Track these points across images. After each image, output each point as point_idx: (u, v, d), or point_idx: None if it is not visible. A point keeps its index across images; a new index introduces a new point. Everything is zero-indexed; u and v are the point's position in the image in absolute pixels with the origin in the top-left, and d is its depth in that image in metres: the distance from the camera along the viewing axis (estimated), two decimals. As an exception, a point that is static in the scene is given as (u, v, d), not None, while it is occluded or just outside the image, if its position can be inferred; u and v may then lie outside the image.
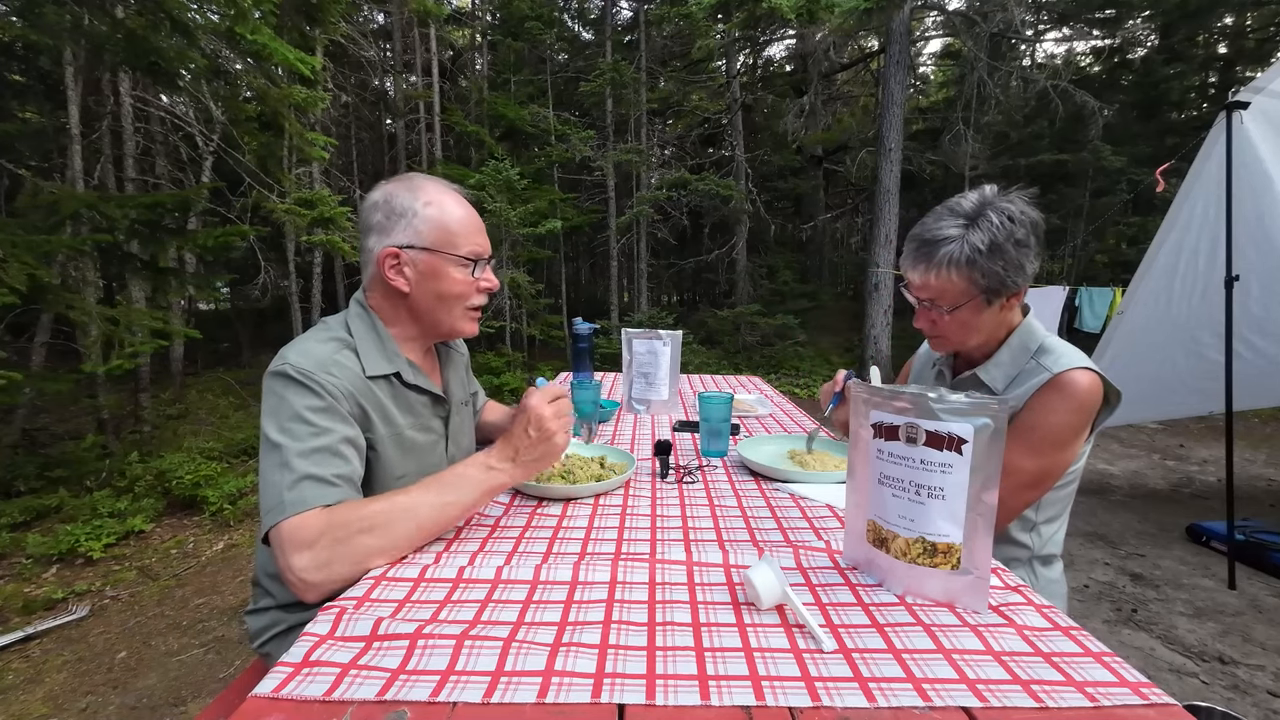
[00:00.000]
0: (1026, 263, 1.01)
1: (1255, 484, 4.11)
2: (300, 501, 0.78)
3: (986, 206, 1.01)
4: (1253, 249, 2.80)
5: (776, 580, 0.65)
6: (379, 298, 1.03)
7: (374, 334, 1.01)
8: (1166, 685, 2.04)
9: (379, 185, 1.02)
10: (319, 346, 0.94)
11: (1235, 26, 9.25)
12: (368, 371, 0.96)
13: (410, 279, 0.99)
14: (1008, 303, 1.06)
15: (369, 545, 0.77)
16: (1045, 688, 0.53)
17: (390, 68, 9.89)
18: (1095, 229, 9.05)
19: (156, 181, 5.75)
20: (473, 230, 1.02)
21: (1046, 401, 1.01)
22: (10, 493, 3.46)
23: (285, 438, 0.83)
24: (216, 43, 3.83)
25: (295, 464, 0.81)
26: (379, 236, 0.98)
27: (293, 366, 0.88)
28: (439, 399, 1.10)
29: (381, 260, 0.97)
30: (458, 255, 1.00)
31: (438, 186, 1.02)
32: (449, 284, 1.00)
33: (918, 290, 1.09)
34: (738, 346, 9.39)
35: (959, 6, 9.46)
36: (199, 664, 2.25)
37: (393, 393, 1.01)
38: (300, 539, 0.76)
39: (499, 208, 7.15)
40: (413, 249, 0.98)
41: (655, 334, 1.73)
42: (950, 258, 1.00)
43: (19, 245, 2.65)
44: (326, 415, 0.87)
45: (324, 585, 0.75)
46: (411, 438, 1.02)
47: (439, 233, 0.98)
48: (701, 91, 11.40)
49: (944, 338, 1.11)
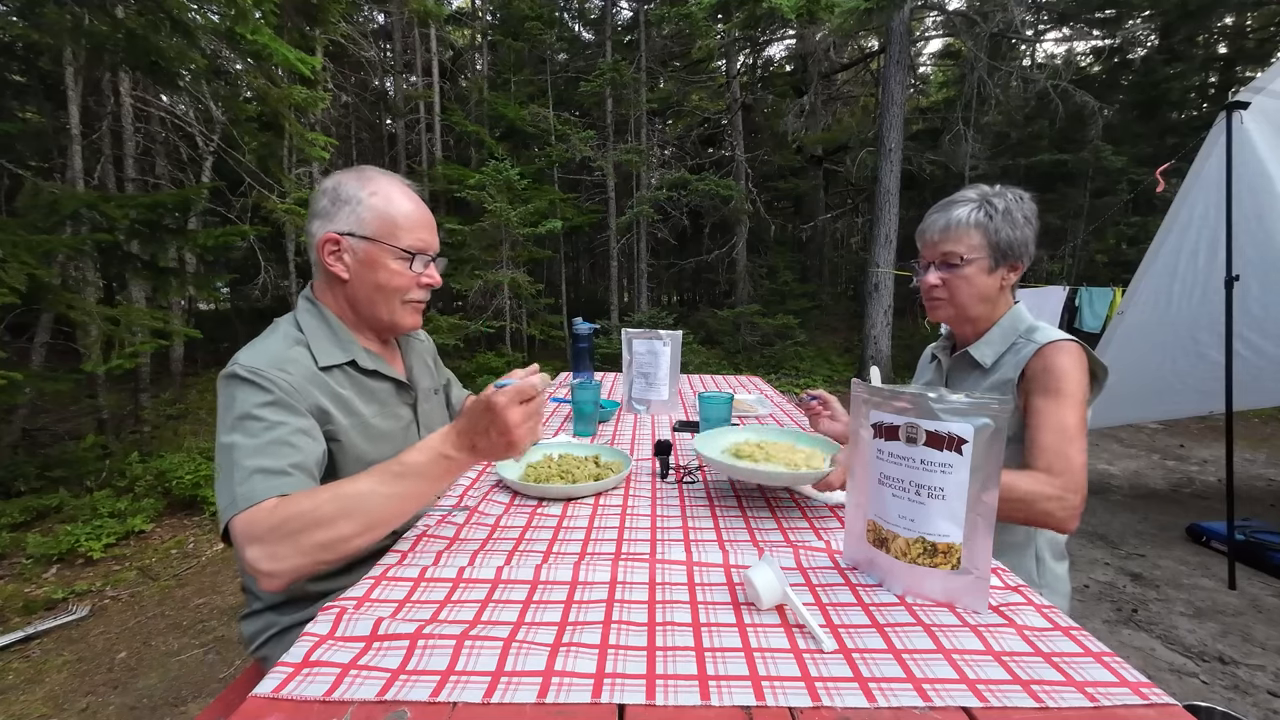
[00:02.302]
0: (1030, 239, 1.14)
1: (1255, 484, 4.11)
2: (249, 496, 0.78)
3: (1003, 187, 1.17)
4: (1253, 249, 2.80)
5: (776, 580, 0.65)
6: (323, 287, 1.04)
7: (325, 326, 1.01)
8: (1166, 685, 2.04)
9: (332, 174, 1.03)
10: (269, 345, 0.94)
11: (1235, 26, 9.25)
12: (320, 363, 0.96)
13: (349, 266, 0.99)
14: (1008, 275, 1.16)
15: (315, 539, 0.75)
16: (1045, 688, 0.53)
17: (390, 68, 9.89)
18: (1095, 229, 9.05)
19: (156, 181, 5.75)
20: (418, 225, 1.02)
21: (1054, 361, 1.07)
22: (10, 493, 3.45)
23: (237, 435, 0.83)
24: (217, 43, 3.84)
25: (246, 461, 0.81)
26: (322, 221, 0.98)
27: (242, 367, 0.88)
28: (404, 385, 1.10)
29: (321, 245, 0.98)
30: (398, 247, 0.99)
31: (389, 180, 1.02)
32: (387, 275, 1.00)
33: (932, 249, 1.18)
34: (738, 346, 9.38)
35: (959, 6, 9.46)
36: (199, 664, 2.25)
37: (351, 382, 1.01)
38: (251, 532, 0.76)
39: (499, 208, 7.15)
40: (353, 236, 0.98)
41: (655, 334, 1.73)
42: (970, 213, 1.14)
43: (19, 245, 2.65)
44: (277, 409, 0.87)
45: (279, 575, 0.75)
46: (378, 426, 1.02)
47: (381, 223, 0.98)
48: (701, 91, 11.41)
49: (949, 299, 1.18)
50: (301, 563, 0.75)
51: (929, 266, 1.20)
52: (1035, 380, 1.08)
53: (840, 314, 12.21)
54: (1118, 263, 9.24)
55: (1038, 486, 0.97)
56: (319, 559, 0.76)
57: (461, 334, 7.30)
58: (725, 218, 10.18)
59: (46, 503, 3.36)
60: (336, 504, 0.77)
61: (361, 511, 0.78)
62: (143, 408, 4.69)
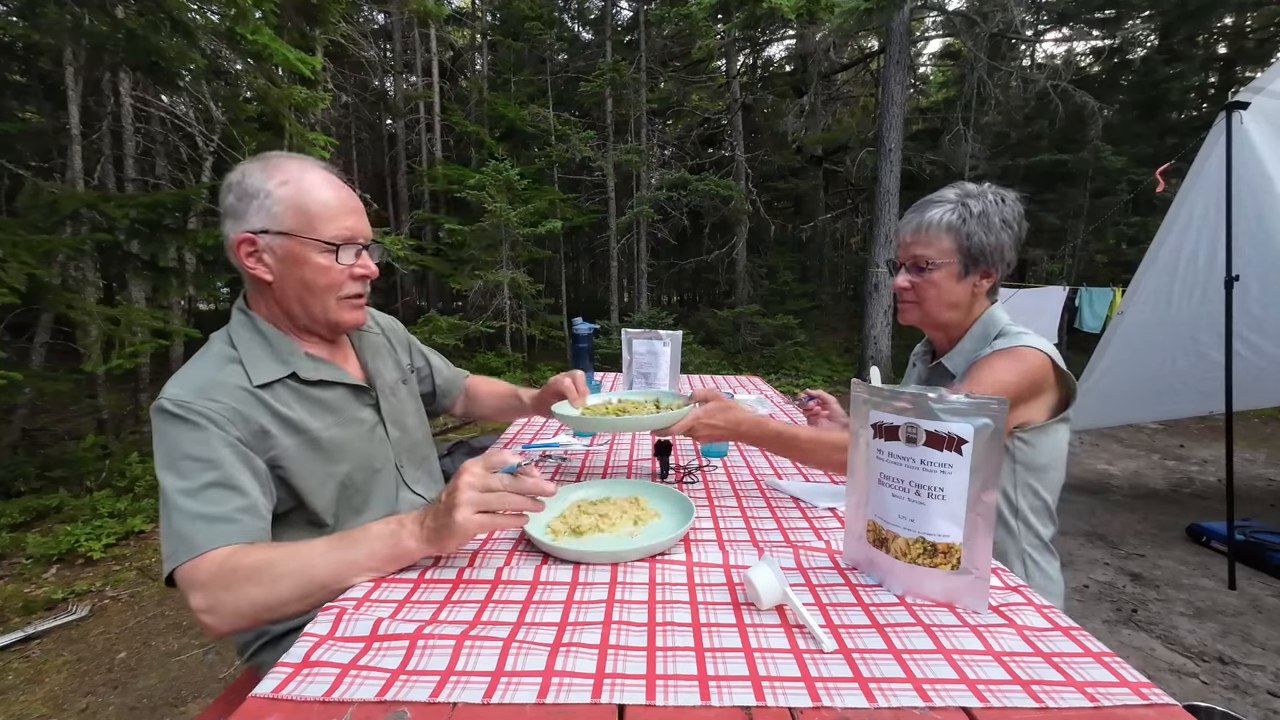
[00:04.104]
0: (1006, 245, 1.09)
1: (1255, 484, 4.11)
2: (190, 548, 0.74)
3: (987, 188, 1.12)
4: (1253, 249, 2.80)
5: (776, 580, 0.65)
6: (253, 295, 0.95)
7: (259, 338, 0.92)
8: (1166, 685, 2.04)
9: (236, 166, 0.92)
10: (198, 371, 0.87)
11: (1235, 26, 9.25)
12: (255, 381, 0.87)
13: (271, 267, 0.89)
14: (980, 283, 1.12)
15: (253, 596, 0.72)
16: (1045, 688, 0.53)
17: (390, 68, 9.90)
18: (1095, 229, 9.04)
19: (156, 181, 5.75)
20: (339, 211, 0.91)
21: (991, 361, 1.05)
22: (10, 493, 3.45)
23: (173, 477, 0.79)
24: (217, 43, 3.84)
25: (186, 505, 0.77)
26: (233, 221, 0.88)
27: (170, 400, 0.81)
28: (359, 388, 1.02)
29: (237, 247, 0.88)
30: (319, 240, 0.89)
31: (300, 164, 0.92)
32: (313, 272, 0.90)
33: (905, 250, 1.16)
34: (738, 346, 9.39)
35: (959, 6, 9.46)
36: (199, 664, 2.25)
37: (295, 396, 0.91)
38: (193, 580, 0.73)
39: (499, 208, 7.15)
40: (268, 234, 0.87)
41: (655, 334, 1.73)
42: (942, 215, 1.09)
43: (19, 245, 2.65)
44: (210, 446, 0.80)
45: (218, 628, 0.73)
46: (333, 437, 0.94)
47: (296, 215, 0.88)
48: (701, 91, 11.41)
49: (917, 302, 1.16)
50: (235, 623, 0.73)
51: (901, 267, 1.16)
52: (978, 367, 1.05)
53: (840, 314, 12.22)
54: (1118, 263, 9.24)
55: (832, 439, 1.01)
56: (259, 617, 0.73)
57: (461, 334, 7.30)
58: (725, 218, 10.18)
59: (46, 503, 3.36)
60: (281, 565, 0.73)
61: (306, 575, 0.73)
62: (143, 408, 4.69)
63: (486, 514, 0.73)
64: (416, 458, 1.13)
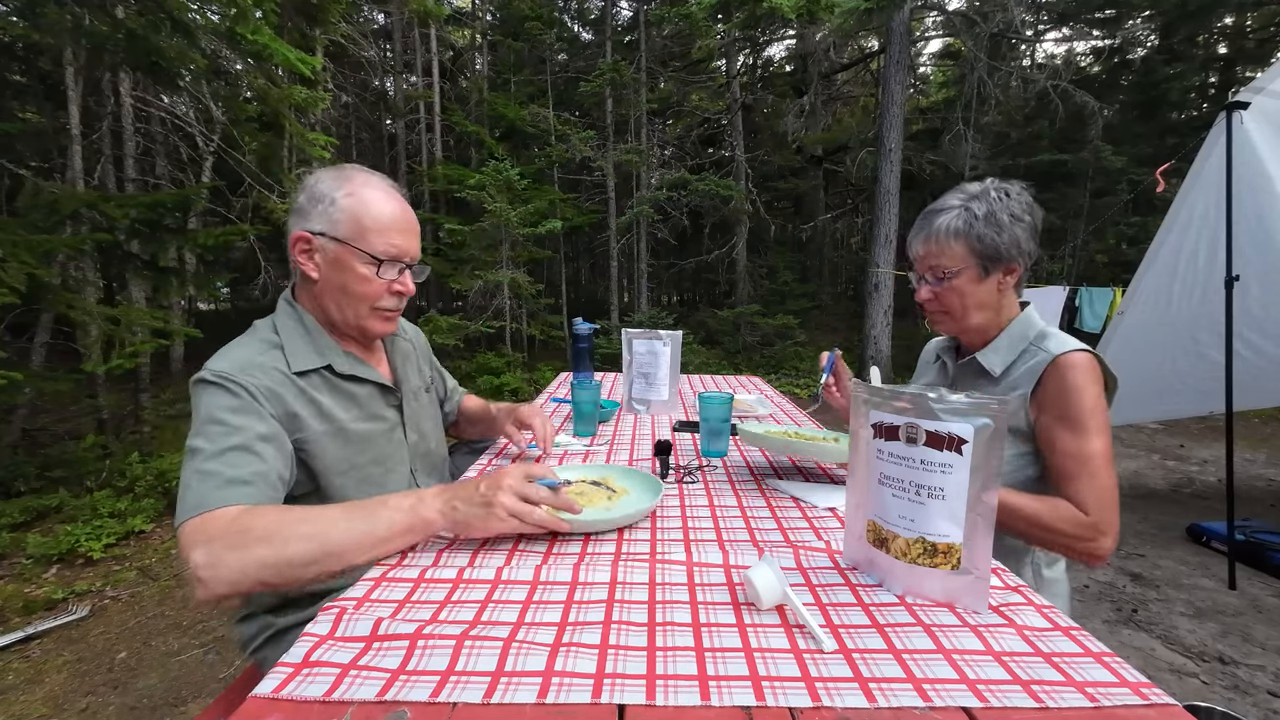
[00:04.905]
0: (1023, 238, 1.08)
1: (1255, 484, 4.11)
2: (203, 501, 0.76)
3: (989, 186, 1.11)
4: (1253, 249, 2.80)
5: (776, 580, 0.65)
6: (300, 288, 1.02)
7: (301, 329, 0.99)
8: (1166, 685, 2.04)
9: (315, 170, 1.01)
10: (241, 350, 0.93)
11: (1235, 26, 9.25)
12: (294, 367, 0.94)
13: (319, 266, 0.97)
14: (1004, 279, 1.10)
15: (260, 556, 0.72)
16: (1045, 688, 0.53)
17: (390, 68, 9.90)
18: (1095, 229, 9.05)
19: (156, 181, 5.75)
20: (392, 229, 0.97)
21: (1072, 381, 1.02)
22: (10, 493, 3.45)
23: (201, 440, 0.82)
24: (217, 43, 3.84)
25: (208, 465, 0.79)
26: (297, 218, 0.97)
27: (211, 371, 0.87)
28: (386, 388, 1.07)
29: (294, 243, 0.96)
30: (366, 252, 0.96)
31: (369, 179, 0.99)
32: (353, 280, 0.97)
33: (921, 263, 1.15)
34: (738, 346, 9.39)
35: (959, 6, 9.47)
36: (199, 664, 2.25)
37: (327, 386, 0.98)
38: (200, 536, 0.73)
39: (499, 208, 7.15)
40: (324, 236, 0.95)
41: (655, 334, 1.73)
42: (949, 223, 1.08)
43: (19, 245, 2.65)
44: (241, 414, 0.85)
45: (212, 588, 0.72)
46: (357, 430, 0.99)
47: (352, 225, 0.95)
48: (701, 91, 11.41)
49: (944, 311, 1.15)
50: (236, 578, 0.72)
51: (921, 279, 1.16)
52: (1051, 402, 1.04)
53: (840, 314, 12.22)
54: (1118, 263, 9.24)
55: (1064, 525, 0.97)
56: (260, 578, 0.73)
57: (461, 334, 7.30)
58: (725, 218, 10.18)
59: (46, 503, 3.36)
60: (294, 527, 0.75)
61: (319, 540, 0.74)
62: (143, 408, 4.69)
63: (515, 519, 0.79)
64: (430, 464, 1.17)
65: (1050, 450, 1.04)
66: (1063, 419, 1.02)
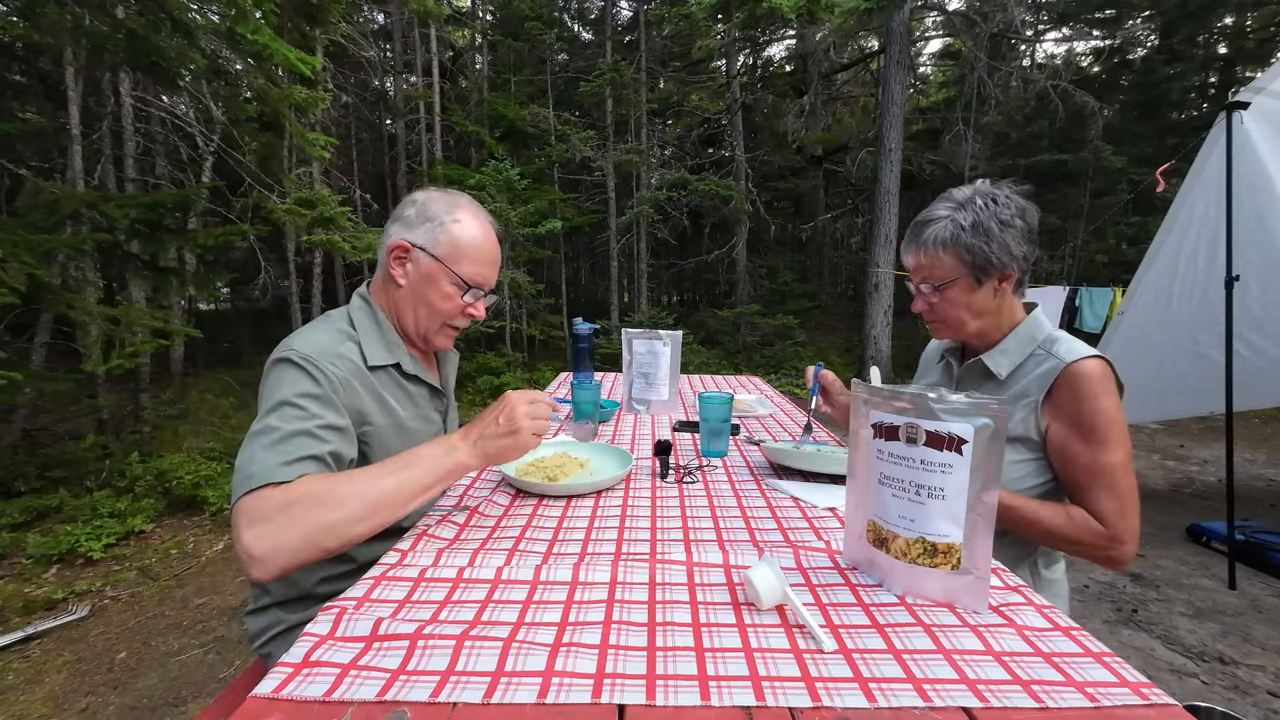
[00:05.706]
0: (1014, 243, 1.05)
1: (1255, 484, 4.11)
2: (264, 474, 0.78)
3: (976, 193, 1.08)
4: (1253, 249, 2.80)
5: (776, 580, 0.65)
6: (379, 287, 1.08)
7: (375, 325, 1.05)
8: (1166, 685, 2.04)
9: (425, 188, 1.09)
10: (323, 336, 0.97)
11: (1235, 26, 9.25)
12: (370, 362, 1.00)
13: (408, 274, 1.04)
14: (1000, 285, 1.08)
15: (321, 519, 0.76)
16: (1045, 688, 0.53)
17: (390, 68, 9.89)
18: (1095, 229, 9.05)
19: (156, 181, 5.75)
20: (483, 260, 1.07)
21: (1089, 391, 1.00)
22: (10, 493, 3.45)
23: (274, 419, 0.85)
24: (217, 43, 3.84)
25: (276, 444, 0.82)
26: (402, 227, 1.04)
27: (297, 353, 0.90)
28: (437, 392, 1.16)
29: (392, 248, 1.03)
30: (458, 274, 1.04)
31: (474, 210, 1.08)
32: (437, 296, 1.05)
33: (914, 274, 1.14)
34: (738, 346, 9.39)
35: (959, 6, 9.47)
36: (199, 664, 2.25)
37: (393, 383, 1.05)
38: (256, 512, 0.76)
39: (499, 208, 7.15)
40: (423, 251, 1.03)
41: (655, 334, 1.73)
42: (936, 235, 1.07)
43: (19, 245, 2.65)
44: (319, 402, 0.88)
45: (273, 558, 0.75)
46: (412, 428, 1.06)
47: (451, 248, 1.03)
48: (701, 91, 11.41)
49: (941, 321, 1.15)
50: (298, 545, 0.75)
51: (916, 290, 1.15)
52: (1065, 411, 1.02)
53: (840, 314, 12.22)
54: (1118, 263, 9.24)
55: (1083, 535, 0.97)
56: (321, 543, 0.77)
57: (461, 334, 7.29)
58: (725, 218, 10.18)
59: (46, 503, 3.36)
60: (349, 485, 0.80)
61: (370, 495, 0.80)
62: (143, 408, 4.69)
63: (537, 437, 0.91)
64: None
65: (1064, 460, 1.03)
66: (1078, 430, 1.01)
